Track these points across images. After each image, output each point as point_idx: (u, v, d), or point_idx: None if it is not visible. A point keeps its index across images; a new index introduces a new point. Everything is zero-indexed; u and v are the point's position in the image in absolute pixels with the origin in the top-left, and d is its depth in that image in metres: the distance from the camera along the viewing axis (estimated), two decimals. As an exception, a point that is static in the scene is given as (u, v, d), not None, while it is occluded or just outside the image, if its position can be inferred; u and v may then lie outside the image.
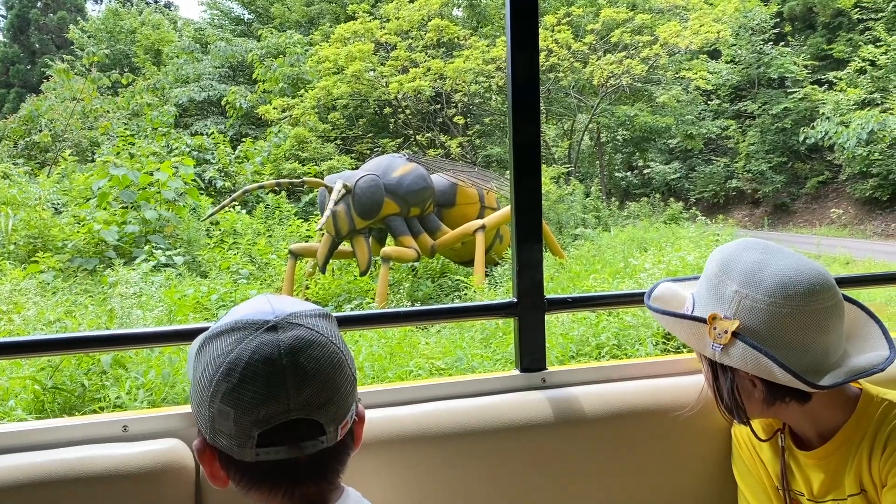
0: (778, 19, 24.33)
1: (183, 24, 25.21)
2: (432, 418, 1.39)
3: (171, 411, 1.36)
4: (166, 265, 9.12)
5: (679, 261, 8.74)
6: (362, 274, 8.59)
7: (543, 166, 16.95)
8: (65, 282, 8.30)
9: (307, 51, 16.93)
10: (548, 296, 1.55)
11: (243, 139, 15.54)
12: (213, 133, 13.67)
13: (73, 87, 15.80)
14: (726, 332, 1.17)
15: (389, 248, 8.56)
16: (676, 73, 18.29)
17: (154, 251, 9.29)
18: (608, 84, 15.45)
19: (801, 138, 20.94)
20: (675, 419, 1.47)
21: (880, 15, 22.08)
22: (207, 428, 0.93)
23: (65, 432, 1.32)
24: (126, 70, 20.55)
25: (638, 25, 14.47)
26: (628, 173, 27.64)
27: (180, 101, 17.91)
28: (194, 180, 10.80)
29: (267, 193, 12.69)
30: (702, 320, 1.21)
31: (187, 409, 1.34)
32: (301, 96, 15.35)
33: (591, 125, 18.04)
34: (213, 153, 13.06)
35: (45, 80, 19.11)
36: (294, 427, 0.90)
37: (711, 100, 22.97)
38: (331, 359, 0.93)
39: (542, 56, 14.40)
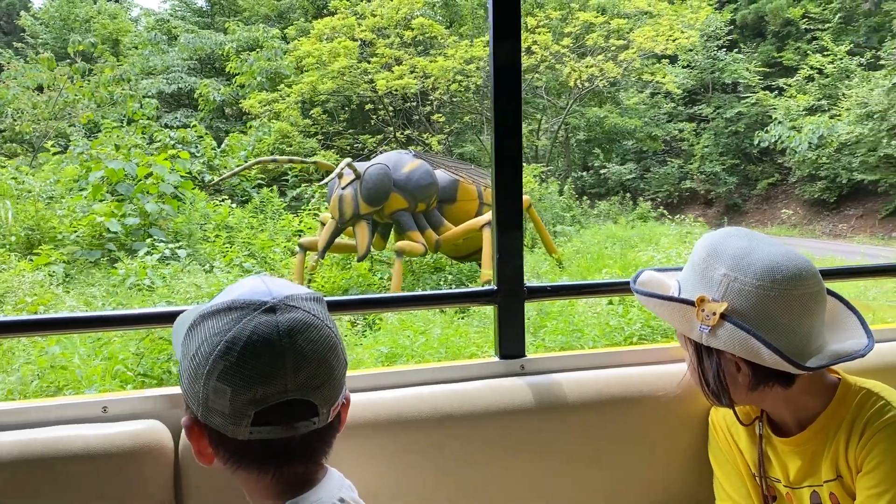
0: (731, 26, 25.26)
1: (142, 14, 24.66)
2: (411, 403, 1.40)
3: (151, 392, 1.36)
4: (169, 258, 9.07)
5: (676, 254, 9.19)
6: (359, 259, 8.72)
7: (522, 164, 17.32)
8: (78, 274, 8.20)
9: (282, 45, 16.87)
10: (527, 283, 1.57)
11: (222, 133, 15.40)
12: (195, 126, 13.54)
13: (37, 75, 15.39)
14: (714, 313, 1.19)
15: (403, 242, 8.71)
16: (639, 77, 18.84)
17: (156, 244, 9.24)
18: (583, 86, 15.87)
19: (755, 141, 21.83)
20: (653, 407, 1.49)
21: (827, 25, 23.18)
22: (200, 405, 0.92)
23: (45, 412, 1.32)
24: (80, 59, 20.03)
25: (613, 29, 14.91)
26: (584, 173, 28.29)
27: (149, 93, 17.61)
28: (189, 173, 10.71)
29: (254, 186, 12.65)
30: (690, 303, 1.23)
31: (167, 390, 1.37)
32: (280, 91, 15.34)
33: (560, 125, 18.44)
34: (196, 146, 12.94)
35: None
36: (289, 407, 0.91)
37: (666, 103, 23.69)
38: (326, 342, 0.94)
39: (521, 56, 14.61)
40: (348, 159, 8.42)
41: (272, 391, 0.89)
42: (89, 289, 7.69)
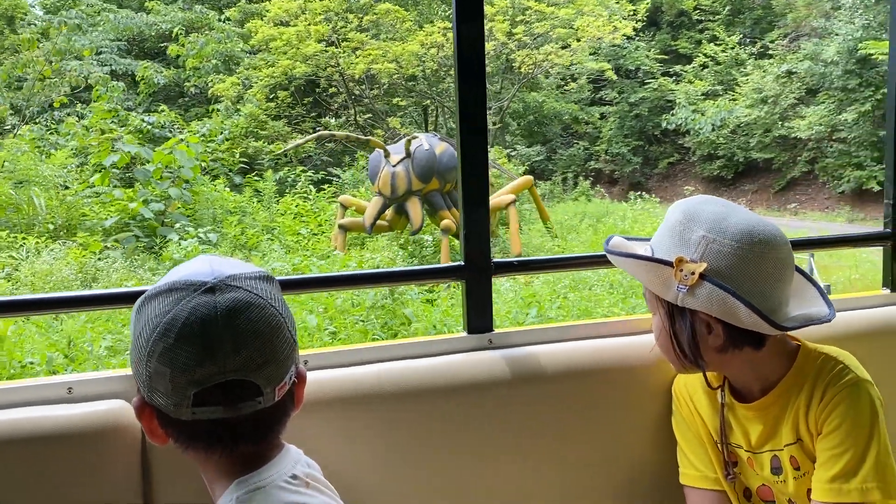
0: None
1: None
2: (377, 379, 1.40)
3: (117, 373, 1.36)
4: (205, 242, 9.11)
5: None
6: (414, 233, 9.23)
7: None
8: (125, 260, 8.13)
9: (233, 27, 16.57)
10: (494, 259, 1.59)
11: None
12: (163, 109, 13.23)
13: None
14: (693, 273, 1.19)
15: (447, 220, 9.21)
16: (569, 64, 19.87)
17: (187, 229, 9.23)
18: (533, 72, 16.73)
19: (663, 124, 23.64)
20: (619, 378, 1.52)
21: (717, 17, 25.35)
22: (145, 387, 0.94)
23: (8, 395, 1.30)
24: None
25: (563, 19, 15.82)
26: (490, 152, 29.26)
27: (80, 75, 16.82)
28: (197, 158, 10.63)
29: (236, 171, 12.61)
30: (668, 263, 1.23)
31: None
32: (238, 74, 15.15)
33: (504, 109, 19.24)
34: (170, 130, 12.68)
35: None
36: (229, 388, 0.91)
37: (588, 88, 25.05)
38: (269, 321, 0.94)
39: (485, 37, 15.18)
40: (415, 134, 8.88)
41: (210, 372, 0.89)
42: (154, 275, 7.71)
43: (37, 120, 16.02)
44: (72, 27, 12.79)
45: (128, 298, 1.42)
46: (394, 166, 8.87)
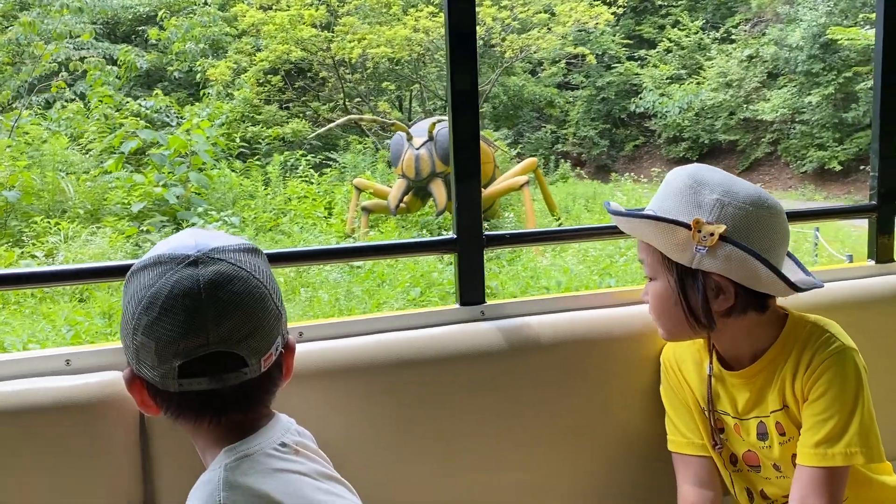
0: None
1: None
2: (372, 350, 1.42)
3: (113, 346, 1.36)
4: (229, 226, 9.19)
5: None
6: (439, 214, 9.46)
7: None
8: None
9: (217, 11, 16.39)
10: (486, 232, 1.61)
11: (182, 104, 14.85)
12: (157, 94, 13.10)
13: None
14: (712, 234, 1.19)
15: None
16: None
17: (209, 212, 9.30)
18: (516, 56, 17.01)
19: (630, 107, 24.26)
20: (609, 348, 1.54)
21: (679, 3, 26.04)
22: (133, 359, 0.95)
23: (7, 367, 1.31)
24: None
25: (545, 4, 16.14)
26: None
27: (56, 59, 16.47)
28: (215, 144, 10.65)
29: (237, 155, 12.62)
30: (685, 225, 1.22)
31: None
32: (228, 58, 15.04)
33: (487, 93, 19.51)
34: (167, 115, 12.59)
35: None
36: (214, 359, 0.92)
37: (562, 72, 25.47)
38: (252, 293, 0.94)
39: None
40: (438, 117, 9.11)
41: (194, 344, 0.91)
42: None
43: (13, 105, 15.66)
44: (73, 10, 12.47)
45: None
46: (417, 149, 9.09)
